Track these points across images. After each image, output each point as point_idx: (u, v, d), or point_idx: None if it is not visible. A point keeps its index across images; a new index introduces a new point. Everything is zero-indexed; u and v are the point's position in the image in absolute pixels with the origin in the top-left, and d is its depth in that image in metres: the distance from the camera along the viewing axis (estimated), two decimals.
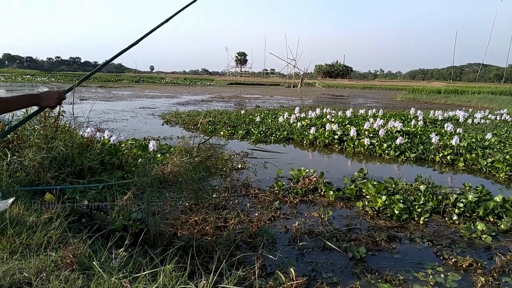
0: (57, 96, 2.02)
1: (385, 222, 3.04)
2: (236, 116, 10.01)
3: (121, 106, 13.46)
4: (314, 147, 6.72)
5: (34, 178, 2.83)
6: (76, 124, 3.85)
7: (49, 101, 1.99)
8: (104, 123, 8.54)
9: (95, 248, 1.64)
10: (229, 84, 48.32)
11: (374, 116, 10.21)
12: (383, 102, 20.36)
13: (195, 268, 1.85)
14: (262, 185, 3.95)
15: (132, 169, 3.58)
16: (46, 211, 2.02)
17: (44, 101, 1.99)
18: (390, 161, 5.69)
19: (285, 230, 2.81)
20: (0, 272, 1.34)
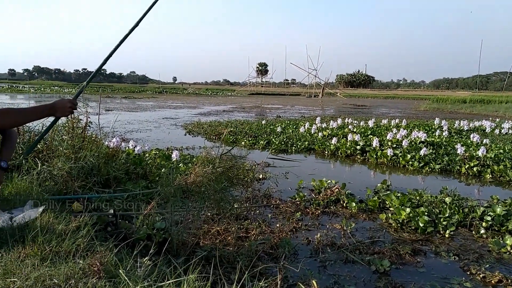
0: (70, 104, 2.11)
1: (409, 235, 2.98)
2: (257, 126, 10.06)
3: (145, 116, 13.74)
4: (335, 157, 6.68)
5: (63, 187, 2.92)
6: (102, 135, 3.97)
7: (64, 110, 2.09)
8: (128, 133, 8.73)
9: (120, 256, 1.67)
10: (250, 94, 48.66)
11: (397, 126, 10.07)
12: (407, 112, 20.04)
13: (217, 278, 1.86)
14: (283, 196, 3.95)
15: (156, 179, 3.64)
16: (74, 219, 2.08)
17: (59, 111, 2.08)
18: (414, 172, 5.58)
19: (307, 241, 2.79)
20: (32, 278, 1.39)
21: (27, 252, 1.61)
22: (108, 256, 1.58)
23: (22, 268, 1.48)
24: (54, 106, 2.07)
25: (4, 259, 1.56)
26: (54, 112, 2.08)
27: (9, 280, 1.39)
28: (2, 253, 1.62)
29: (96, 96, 22.52)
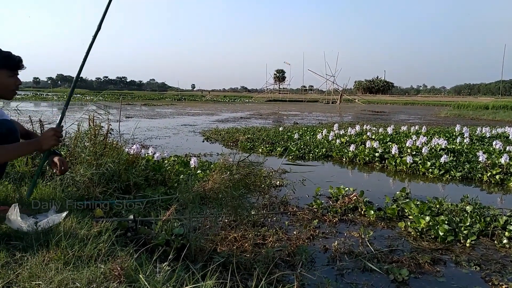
0: (52, 132, 2.15)
1: (428, 244, 2.93)
2: (274, 133, 10.07)
3: (164, 123, 13.94)
4: (353, 164, 6.62)
5: (84, 193, 3.00)
6: (123, 141, 4.06)
7: (49, 141, 2.12)
8: (148, 140, 8.87)
9: (140, 261, 1.71)
10: (267, 101, 48.76)
11: (417, 133, 9.92)
12: (427, 119, 19.72)
13: (235, 284, 1.88)
14: (300, 203, 3.94)
15: (175, 185, 3.69)
16: (96, 224, 2.13)
17: (45, 144, 2.11)
18: (434, 180, 5.49)
19: (324, 249, 2.78)
20: (55, 282, 1.44)
21: (51, 256, 1.67)
22: (128, 261, 1.62)
23: (46, 272, 1.53)
24: (38, 140, 2.13)
25: (30, 263, 1.62)
26: (40, 146, 2.12)
27: (34, 283, 1.45)
28: (28, 257, 1.69)
29: (116, 104, 23.00)
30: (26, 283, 1.45)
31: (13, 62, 2.19)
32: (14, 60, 2.20)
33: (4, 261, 1.64)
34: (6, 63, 2.16)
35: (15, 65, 2.20)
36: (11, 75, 2.19)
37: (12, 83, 2.21)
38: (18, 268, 1.58)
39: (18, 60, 2.22)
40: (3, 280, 1.48)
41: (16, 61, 2.21)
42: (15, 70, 2.21)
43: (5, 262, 1.64)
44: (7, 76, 2.18)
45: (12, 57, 2.20)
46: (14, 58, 2.20)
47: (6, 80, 2.18)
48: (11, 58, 2.19)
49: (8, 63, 2.17)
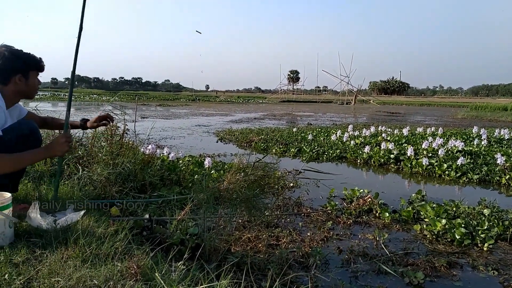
0: (64, 139, 2.19)
1: (445, 247, 2.89)
2: (288, 134, 10.06)
3: (179, 123, 14.05)
4: (368, 166, 6.57)
5: (101, 192, 3.05)
6: (138, 141, 4.11)
7: (62, 148, 2.17)
8: (163, 140, 8.96)
9: (156, 260, 1.74)
10: (281, 102, 48.70)
11: (433, 134, 9.78)
12: (443, 120, 19.42)
13: (249, 284, 1.89)
14: (314, 204, 3.93)
15: (189, 185, 3.73)
16: (112, 223, 2.17)
17: (57, 151, 2.17)
18: (450, 182, 5.41)
19: (338, 251, 2.77)
20: (74, 279, 1.47)
21: (70, 253, 1.71)
22: (144, 260, 1.64)
23: (65, 269, 1.57)
24: (50, 147, 2.17)
25: (49, 259, 1.66)
26: (51, 153, 2.18)
27: (53, 280, 1.48)
28: (47, 254, 1.73)
29: (132, 104, 23.27)
30: (46, 280, 1.49)
31: (38, 64, 2.31)
32: (39, 62, 2.32)
33: (25, 258, 1.68)
34: (34, 64, 2.28)
35: (40, 67, 2.33)
36: (36, 76, 2.33)
37: (37, 84, 2.34)
38: (38, 265, 1.62)
39: (41, 62, 2.34)
40: (24, 276, 1.52)
41: (40, 63, 2.33)
42: (39, 72, 2.31)
43: (26, 259, 1.68)
44: (35, 77, 2.30)
45: (36, 59, 2.31)
46: (38, 60, 2.32)
47: (34, 81, 2.30)
48: (36, 59, 2.30)
49: (36, 65, 2.29)
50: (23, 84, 2.22)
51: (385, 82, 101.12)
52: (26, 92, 2.28)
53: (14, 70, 2.18)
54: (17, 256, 1.69)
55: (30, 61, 2.26)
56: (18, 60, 2.19)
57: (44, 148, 2.19)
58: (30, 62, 2.25)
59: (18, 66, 2.19)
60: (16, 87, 2.20)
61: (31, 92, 2.32)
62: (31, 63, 2.26)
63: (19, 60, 2.20)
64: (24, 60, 2.22)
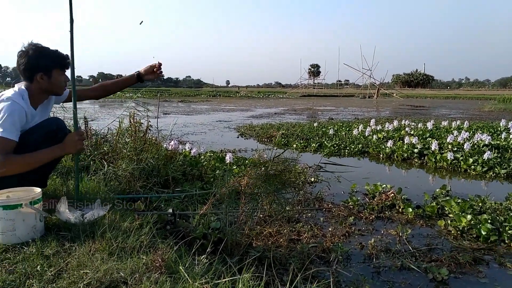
0: (77, 137, 2.23)
1: (470, 243, 2.83)
2: (309, 128, 10.00)
3: (200, 119, 14.19)
4: (391, 161, 6.47)
5: (126, 187, 3.13)
6: (161, 137, 4.19)
7: (76, 146, 2.23)
8: (185, 136, 9.07)
9: (179, 253, 1.78)
10: (301, 96, 48.41)
11: (459, 128, 9.53)
12: (469, 113, 18.88)
13: (270, 278, 1.91)
14: (335, 200, 3.91)
15: (211, 180, 3.77)
16: (137, 217, 2.23)
17: (71, 149, 2.23)
18: (476, 177, 5.27)
19: (360, 246, 2.76)
20: (101, 271, 1.52)
21: (97, 246, 1.77)
22: (168, 253, 1.69)
23: (92, 261, 1.63)
24: (63, 145, 2.22)
25: (77, 252, 1.73)
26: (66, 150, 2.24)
27: (82, 272, 1.54)
28: (75, 247, 1.79)
29: (154, 100, 23.61)
30: (75, 271, 1.55)
31: (63, 61, 2.34)
32: (64, 59, 2.34)
33: (55, 250, 1.75)
34: (58, 62, 2.31)
35: (65, 65, 2.35)
36: (61, 73, 2.35)
37: (62, 81, 2.37)
38: (68, 257, 1.69)
39: (66, 59, 2.35)
40: (55, 268, 1.58)
41: (65, 60, 2.35)
42: (64, 69, 2.35)
43: (56, 251, 1.75)
44: (59, 74, 2.33)
45: (61, 56, 2.34)
46: (63, 57, 2.34)
47: (58, 78, 2.33)
48: (61, 57, 2.33)
49: (59, 62, 2.32)
50: (46, 82, 2.26)
51: (409, 75, 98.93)
52: (51, 89, 2.32)
53: (37, 68, 2.22)
54: (48, 249, 1.76)
55: (53, 59, 2.28)
56: (41, 59, 2.24)
57: (58, 146, 2.23)
58: (53, 60, 2.27)
59: (40, 64, 2.23)
60: (39, 85, 2.26)
61: (56, 90, 2.36)
62: (54, 60, 2.28)
63: (42, 58, 2.24)
64: (47, 58, 2.25)
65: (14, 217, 1.84)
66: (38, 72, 2.23)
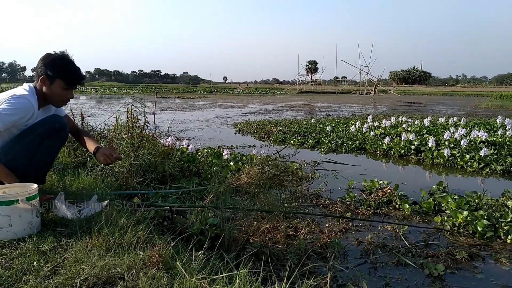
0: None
1: (466, 239, 2.85)
2: (306, 125, 10.01)
3: (197, 116, 14.16)
4: (388, 157, 6.49)
5: (123, 183, 3.13)
6: (158, 134, 4.18)
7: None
8: (182, 132, 9.06)
9: (177, 249, 1.78)
10: (299, 93, 48.41)
11: (456, 125, 9.56)
12: (466, 110, 18.93)
13: (267, 274, 1.92)
14: (333, 196, 3.92)
15: (208, 176, 3.77)
16: (134, 213, 2.23)
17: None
18: (473, 173, 5.29)
19: (357, 242, 2.76)
20: (98, 266, 1.52)
21: (94, 242, 1.76)
22: (165, 249, 1.69)
23: (89, 257, 1.62)
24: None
25: (74, 248, 1.72)
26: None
27: (79, 267, 1.54)
28: (72, 243, 1.79)
29: (151, 97, 23.56)
30: (72, 267, 1.54)
31: (70, 77, 2.29)
32: (72, 77, 2.29)
33: (51, 246, 1.75)
34: (65, 75, 2.27)
35: (71, 82, 2.31)
36: (65, 88, 2.29)
37: (63, 95, 2.32)
38: (64, 253, 1.68)
39: (77, 78, 2.32)
40: (51, 264, 1.58)
41: (74, 79, 2.31)
42: (71, 86, 2.31)
43: (53, 247, 1.75)
44: (61, 87, 2.27)
45: (73, 73, 2.30)
46: (74, 76, 2.30)
47: (58, 90, 2.28)
48: (71, 74, 2.29)
49: (67, 77, 2.27)
50: (47, 87, 2.26)
51: (406, 72, 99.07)
52: (48, 96, 2.29)
53: (44, 70, 2.24)
54: (45, 245, 1.76)
55: (62, 71, 2.26)
56: (52, 65, 2.24)
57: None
58: (61, 71, 2.25)
59: (48, 69, 2.23)
60: (40, 86, 2.26)
61: (53, 98, 2.31)
62: (62, 72, 2.25)
63: (53, 65, 2.24)
64: (57, 67, 2.25)
65: (10, 213, 1.83)
66: (43, 74, 2.24)
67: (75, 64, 2.35)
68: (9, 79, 9.94)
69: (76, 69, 2.32)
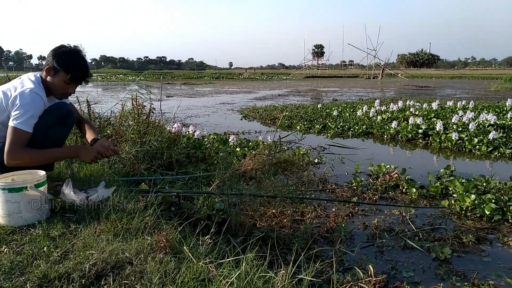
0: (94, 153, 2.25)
1: (473, 223, 2.84)
2: (312, 110, 9.95)
3: (203, 102, 14.15)
4: (395, 142, 6.45)
5: (130, 170, 3.14)
6: (164, 120, 4.18)
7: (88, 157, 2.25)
8: (188, 119, 9.06)
9: (184, 234, 1.79)
10: (305, 78, 48.02)
11: (464, 108, 9.45)
12: (475, 93, 18.67)
13: (274, 258, 1.93)
14: (339, 181, 3.92)
15: (214, 162, 3.78)
16: (141, 199, 2.25)
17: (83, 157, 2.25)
18: (481, 157, 5.25)
19: (363, 226, 2.77)
20: (107, 251, 1.54)
21: (102, 228, 1.78)
22: (173, 234, 1.70)
23: (98, 242, 1.64)
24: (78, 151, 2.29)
25: (83, 234, 1.75)
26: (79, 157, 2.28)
27: (88, 253, 1.56)
28: (81, 228, 1.81)
29: (157, 83, 23.54)
30: (81, 252, 1.57)
31: (74, 74, 2.25)
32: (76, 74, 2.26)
33: (61, 232, 1.77)
34: (69, 70, 2.23)
35: (74, 77, 2.26)
36: (67, 82, 2.26)
37: (64, 88, 2.28)
38: (73, 239, 1.71)
39: (80, 76, 2.29)
40: (61, 249, 1.60)
41: (77, 75, 2.27)
42: (73, 81, 2.28)
43: (62, 233, 1.77)
44: (63, 80, 2.24)
45: (77, 70, 2.26)
46: (77, 72, 2.26)
47: (60, 83, 2.25)
48: (76, 69, 2.25)
49: (70, 72, 2.24)
50: (51, 77, 2.24)
51: (414, 55, 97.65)
52: (51, 87, 2.27)
53: (51, 60, 2.23)
54: (54, 230, 1.78)
55: (68, 64, 2.23)
56: (60, 56, 2.23)
57: (74, 149, 2.27)
58: (67, 64, 2.23)
59: (55, 59, 2.22)
60: (45, 76, 2.26)
61: (55, 90, 2.28)
62: (67, 66, 2.22)
63: (60, 57, 2.22)
64: (64, 60, 2.23)
65: (20, 200, 1.85)
66: (49, 64, 2.23)
67: (85, 61, 2.32)
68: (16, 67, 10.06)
69: (83, 66, 2.29)
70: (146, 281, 1.37)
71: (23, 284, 1.36)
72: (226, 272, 1.41)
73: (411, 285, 2.01)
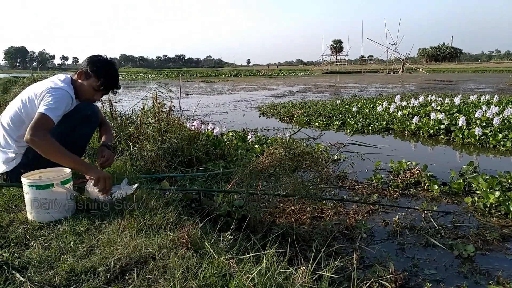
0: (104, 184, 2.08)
1: (498, 220, 2.78)
2: (331, 106, 9.88)
3: (221, 99, 14.21)
4: (416, 138, 6.34)
5: (151, 167, 3.20)
6: (184, 118, 4.24)
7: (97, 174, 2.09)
8: (207, 116, 9.14)
9: (205, 230, 1.82)
10: (324, 74, 47.64)
11: (488, 103, 9.20)
12: (499, 87, 18.14)
13: (293, 255, 1.94)
14: (359, 177, 3.89)
15: (234, 159, 3.81)
16: (163, 196, 2.29)
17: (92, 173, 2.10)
18: (506, 153, 5.11)
19: (384, 224, 2.75)
20: (131, 247, 1.58)
21: (125, 224, 1.83)
22: (194, 230, 1.73)
23: (122, 238, 1.69)
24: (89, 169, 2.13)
25: (107, 229, 1.80)
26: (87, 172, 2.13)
27: (112, 248, 1.60)
28: (105, 224, 1.86)
29: (176, 81, 23.80)
30: (106, 247, 1.61)
31: (105, 82, 2.34)
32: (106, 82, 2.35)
33: (86, 227, 1.83)
34: (101, 76, 2.33)
35: (104, 84, 2.35)
36: (96, 89, 2.35)
37: (92, 94, 2.38)
38: (98, 234, 1.76)
39: (110, 85, 2.38)
40: (87, 244, 1.66)
41: (108, 83, 2.36)
42: (101, 88, 2.36)
43: (87, 229, 1.83)
44: (92, 86, 2.33)
45: (108, 78, 2.36)
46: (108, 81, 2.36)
47: (89, 88, 2.34)
48: (107, 78, 2.35)
49: (102, 78, 2.33)
50: (82, 81, 2.34)
51: (436, 49, 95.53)
52: (79, 90, 2.34)
53: (85, 65, 2.34)
54: (80, 226, 1.84)
55: (101, 70, 2.32)
56: (95, 63, 2.34)
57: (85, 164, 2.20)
58: (99, 70, 2.32)
59: (89, 65, 2.33)
60: (76, 79, 2.36)
61: (81, 94, 2.35)
62: (100, 72, 2.32)
63: (96, 63, 2.34)
64: (97, 67, 2.33)
65: (47, 196, 1.92)
66: (83, 68, 2.33)
67: (117, 72, 2.42)
68: (40, 67, 10.34)
69: (115, 76, 2.39)
70: (169, 276, 1.40)
71: (52, 278, 1.41)
72: (247, 268, 1.43)
73: (432, 282, 1.99)
